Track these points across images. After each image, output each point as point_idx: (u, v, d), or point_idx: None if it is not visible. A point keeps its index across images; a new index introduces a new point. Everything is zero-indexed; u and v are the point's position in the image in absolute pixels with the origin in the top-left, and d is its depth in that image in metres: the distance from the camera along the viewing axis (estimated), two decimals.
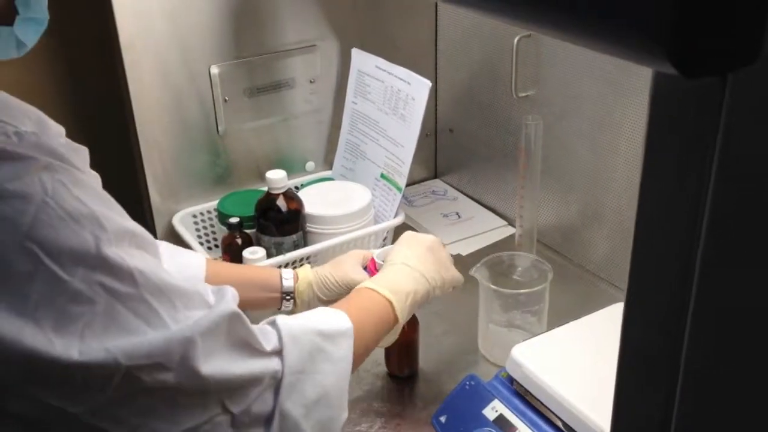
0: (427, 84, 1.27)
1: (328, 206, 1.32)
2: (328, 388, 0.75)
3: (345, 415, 0.78)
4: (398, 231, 1.39)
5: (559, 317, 1.08)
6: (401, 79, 1.32)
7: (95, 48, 1.37)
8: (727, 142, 0.30)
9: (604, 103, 1.23)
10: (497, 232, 1.50)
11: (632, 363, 0.39)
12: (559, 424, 0.91)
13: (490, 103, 1.49)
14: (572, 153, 1.32)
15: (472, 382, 0.99)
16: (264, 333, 0.73)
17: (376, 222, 1.36)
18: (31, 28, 0.71)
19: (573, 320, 1.05)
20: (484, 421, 0.94)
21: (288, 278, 1.02)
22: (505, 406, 0.95)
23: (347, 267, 1.03)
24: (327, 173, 1.53)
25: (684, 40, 0.24)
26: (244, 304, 0.73)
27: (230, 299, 0.69)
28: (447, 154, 1.68)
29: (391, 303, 0.90)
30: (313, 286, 1.03)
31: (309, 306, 1.01)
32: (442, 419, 0.98)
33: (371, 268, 1.03)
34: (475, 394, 0.98)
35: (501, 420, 0.94)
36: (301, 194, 1.33)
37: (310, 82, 1.47)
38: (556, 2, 0.27)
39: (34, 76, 1.39)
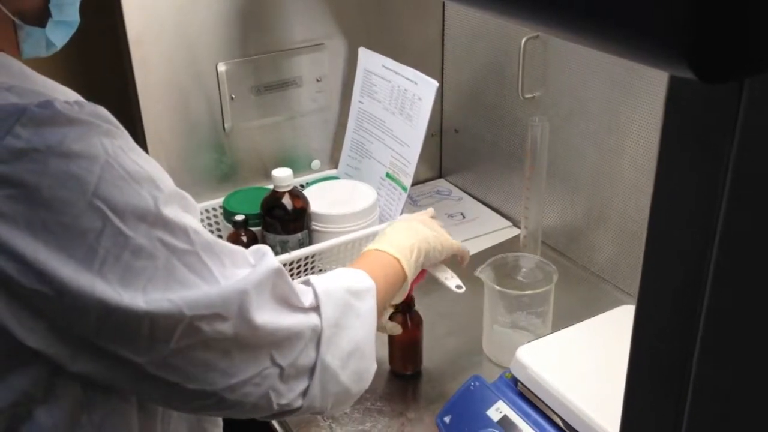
0: (434, 84, 1.27)
1: (333, 205, 1.32)
2: (359, 340, 0.80)
3: (374, 366, 0.84)
4: None
5: (563, 319, 1.08)
6: (408, 79, 1.32)
7: (103, 45, 1.37)
8: (742, 146, 0.30)
9: (611, 104, 1.23)
10: (502, 233, 1.50)
11: (642, 366, 0.39)
12: (563, 425, 0.91)
13: (496, 103, 1.49)
14: (578, 154, 1.32)
15: (477, 383, 0.99)
16: (301, 291, 0.77)
17: (381, 221, 1.36)
18: (62, 30, 0.75)
19: (577, 322, 1.05)
20: (488, 421, 0.94)
21: None
22: (509, 407, 0.95)
23: None
24: (332, 172, 1.53)
25: (703, 45, 0.24)
26: None
27: (272, 256, 0.74)
28: (452, 155, 1.68)
29: (398, 260, 0.93)
30: None
31: None
32: (447, 419, 0.98)
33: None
34: (479, 395, 0.98)
35: (505, 421, 0.94)
36: (307, 193, 1.34)
37: (317, 80, 1.47)
38: (573, 5, 0.27)
39: (42, 73, 1.39)
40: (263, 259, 0.73)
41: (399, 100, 1.34)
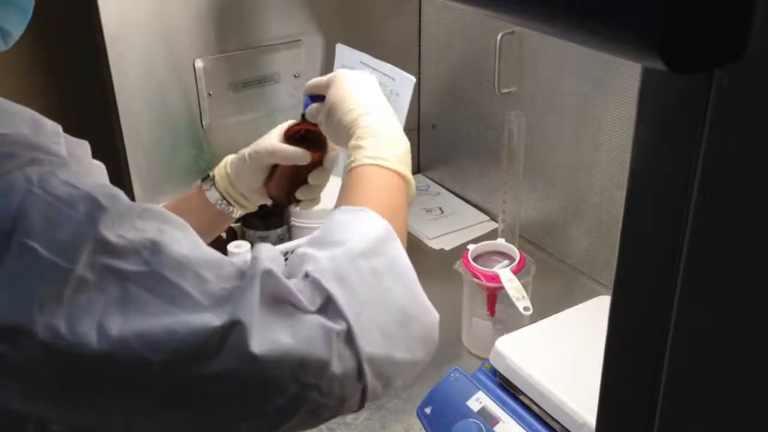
0: (412, 80, 1.28)
1: None
2: (401, 303, 0.65)
3: (435, 317, 0.69)
4: None
5: (541, 310, 1.10)
6: (385, 75, 1.33)
7: (79, 41, 1.36)
8: (712, 136, 0.31)
9: (586, 99, 1.25)
10: (480, 227, 1.51)
11: (619, 355, 0.39)
12: (542, 414, 0.92)
13: (473, 99, 1.50)
14: (554, 149, 1.34)
15: (457, 375, 1.00)
16: (301, 290, 0.61)
17: None
18: (14, 14, 0.65)
19: (555, 313, 1.06)
20: (469, 412, 0.95)
21: (207, 188, 0.99)
22: (489, 397, 0.96)
23: (265, 140, 0.97)
24: None
25: (674, 37, 0.25)
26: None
27: (261, 260, 0.60)
28: (430, 150, 1.69)
29: (404, 176, 0.80)
30: (229, 175, 0.99)
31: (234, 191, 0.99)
32: (427, 411, 0.99)
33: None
34: (459, 386, 0.99)
35: (485, 411, 0.95)
36: None
37: (295, 76, 1.47)
38: None
39: (18, 69, 1.38)
40: (253, 266, 0.59)
41: None
